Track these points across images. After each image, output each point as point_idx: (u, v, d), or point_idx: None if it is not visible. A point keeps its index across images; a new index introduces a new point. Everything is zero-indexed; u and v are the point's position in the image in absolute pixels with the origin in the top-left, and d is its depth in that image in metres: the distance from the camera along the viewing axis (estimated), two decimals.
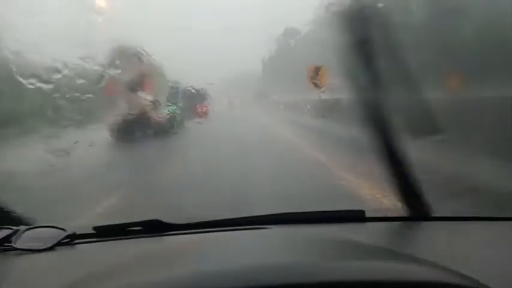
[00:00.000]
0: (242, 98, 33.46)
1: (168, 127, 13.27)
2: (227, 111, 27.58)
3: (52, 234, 1.10)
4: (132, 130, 12.31)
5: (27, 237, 1.08)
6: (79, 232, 1.12)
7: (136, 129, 12.54)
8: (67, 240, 1.09)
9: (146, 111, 12.77)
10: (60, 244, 1.08)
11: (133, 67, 12.94)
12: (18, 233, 1.09)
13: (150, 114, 12.77)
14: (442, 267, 0.69)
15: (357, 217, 1.21)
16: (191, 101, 18.96)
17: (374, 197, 3.53)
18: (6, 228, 1.11)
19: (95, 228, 1.15)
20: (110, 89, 12.94)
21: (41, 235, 1.09)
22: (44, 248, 1.06)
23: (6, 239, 1.08)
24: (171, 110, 14.26)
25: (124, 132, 12.11)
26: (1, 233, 1.10)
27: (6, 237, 1.08)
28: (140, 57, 13.32)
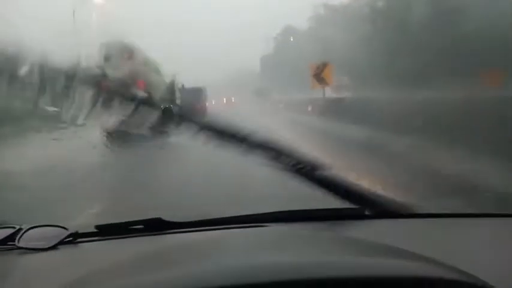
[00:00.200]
0: (241, 97, 33.44)
1: (164, 126, 13.24)
2: (226, 109, 27.58)
3: (55, 233, 1.15)
4: (125, 131, 12.23)
5: (30, 236, 1.14)
6: (81, 231, 1.18)
7: (129, 130, 12.49)
8: (70, 239, 1.15)
9: (140, 110, 12.69)
10: (63, 243, 1.13)
11: (125, 63, 12.81)
12: (21, 232, 1.15)
13: (144, 113, 12.68)
14: (441, 263, 0.73)
15: (357, 215, 1.27)
16: (189, 100, 18.92)
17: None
18: (9, 227, 1.17)
19: (97, 227, 1.21)
20: (101, 86, 12.90)
21: (44, 234, 1.15)
22: (47, 247, 1.11)
23: (9, 238, 1.14)
24: (168, 109, 14.23)
25: (117, 131, 12.03)
26: (4, 232, 1.16)
27: (9, 236, 1.14)
28: (133, 52, 13.19)
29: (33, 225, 1.17)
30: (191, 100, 19.57)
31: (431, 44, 14.95)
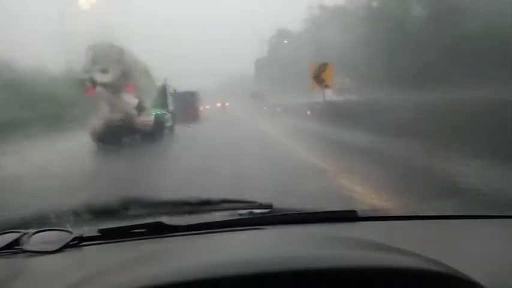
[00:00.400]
0: (236, 101, 33.46)
1: (155, 132, 13.17)
2: (220, 114, 27.61)
3: (60, 236, 1.25)
4: (116, 135, 12.17)
5: (35, 240, 1.24)
6: (85, 235, 1.28)
7: (119, 134, 12.40)
8: (74, 242, 1.25)
9: (130, 114, 12.58)
10: (68, 246, 1.23)
11: (113, 66, 12.77)
12: (26, 236, 1.25)
13: (135, 118, 12.56)
14: (426, 257, 0.79)
15: (349, 217, 1.37)
16: (182, 104, 18.91)
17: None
18: (14, 231, 1.27)
19: (100, 230, 1.30)
20: (89, 91, 12.79)
21: (49, 238, 1.25)
22: (53, 250, 1.21)
23: (16, 242, 1.24)
24: (159, 114, 14.19)
25: (107, 137, 11.99)
26: (10, 236, 1.25)
27: (15, 240, 1.24)
28: (122, 55, 13.14)
29: (38, 229, 1.27)
30: (184, 105, 19.55)
31: (433, 43, 15.14)
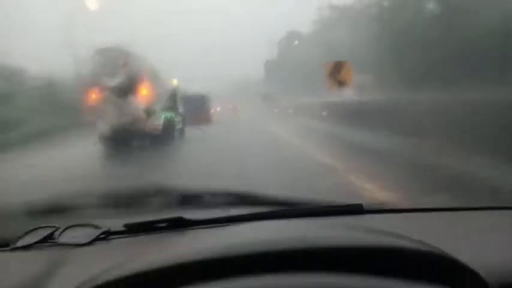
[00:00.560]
0: (247, 103, 33.61)
1: (165, 135, 13.33)
2: (231, 117, 27.75)
3: (89, 231, 1.43)
4: (124, 140, 12.37)
5: (67, 234, 1.42)
6: (113, 229, 1.46)
7: (128, 139, 12.60)
8: (103, 236, 1.43)
9: (139, 118, 12.78)
10: (97, 239, 1.41)
11: (122, 71, 12.94)
12: (59, 231, 1.43)
13: (144, 121, 12.69)
14: (402, 235, 0.87)
15: (355, 210, 1.51)
16: (192, 107, 19.06)
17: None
18: (49, 226, 1.45)
19: (126, 225, 1.48)
20: (97, 95, 12.98)
21: (80, 232, 1.42)
22: (84, 243, 1.39)
23: (49, 236, 1.42)
24: (169, 118, 14.34)
25: (115, 143, 12.20)
26: (45, 231, 1.43)
27: (49, 234, 1.42)
28: (130, 59, 13.29)
29: (70, 225, 1.45)
30: (194, 107, 19.70)
31: (447, 42, 15.15)
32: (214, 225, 1.48)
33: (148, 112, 13.11)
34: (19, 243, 1.43)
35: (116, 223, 1.50)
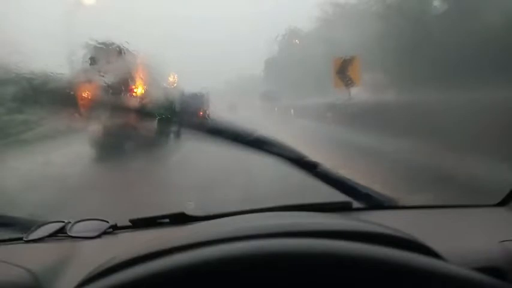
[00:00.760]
0: (246, 102, 33.70)
1: (160, 136, 13.44)
2: (230, 116, 27.75)
3: (98, 225, 1.63)
4: (117, 141, 12.55)
5: (77, 228, 1.61)
6: (119, 224, 1.66)
7: (121, 140, 12.78)
8: (110, 230, 1.63)
9: (133, 118, 12.76)
10: (105, 233, 1.61)
11: (115, 67, 13.07)
12: (69, 225, 1.63)
13: (138, 121, 12.78)
14: (380, 224, 0.99)
15: (344, 208, 1.68)
16: (189, 106, 19.15)
17: None
18: (59, 221, 1.65)
19: (131, 220, 1.68)
20: (88, 94, 13.12)
21: (89, 226, 1.62)
22: (93, 236, 1.59)
23: (61, 230, 1.62)
24: (164, 117, 14.35)
25: (108, 144, 12.37)
26: (57, 225, 1.63)
27: (61, 228, 1.62)
28: (123, 54, 13.39)
29: (79, 219, 1.65)
30: (192, 107, 19.80)
31: (456, 40, 15.29)
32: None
33: (142, 111, 13.15)
34: (31, 236, 1.62)
35: (122, 218, 1.70)
